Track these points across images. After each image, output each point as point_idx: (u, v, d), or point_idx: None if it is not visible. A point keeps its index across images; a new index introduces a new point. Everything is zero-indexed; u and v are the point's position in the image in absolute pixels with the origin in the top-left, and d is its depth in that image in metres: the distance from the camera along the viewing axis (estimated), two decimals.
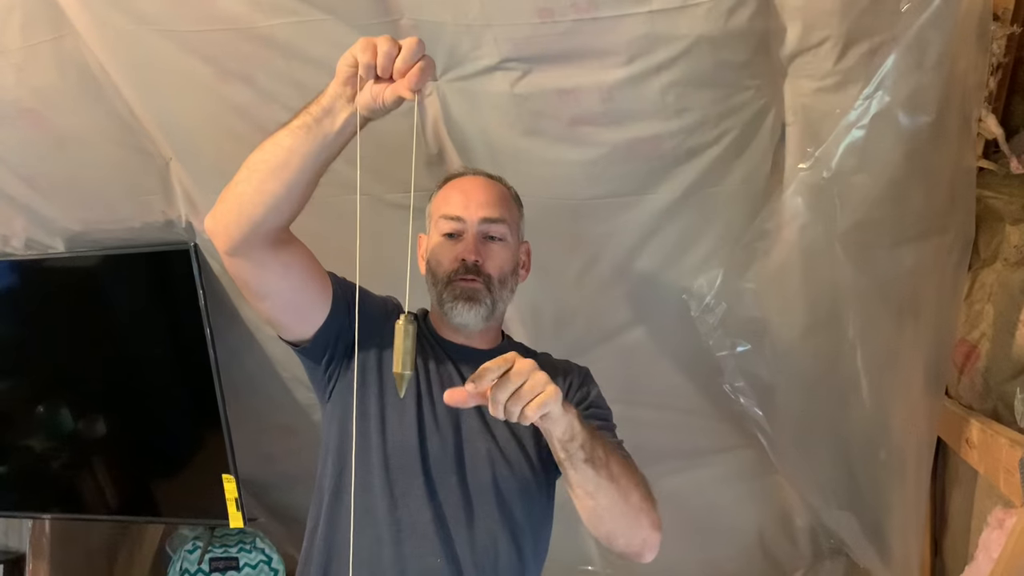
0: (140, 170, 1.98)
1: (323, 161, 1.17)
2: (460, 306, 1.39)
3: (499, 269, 1.42)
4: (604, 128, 1.66)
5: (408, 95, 1.06)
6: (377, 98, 1.09)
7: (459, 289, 1.39)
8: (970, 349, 1.79)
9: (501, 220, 1.43)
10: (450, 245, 1.42)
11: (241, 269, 1.27)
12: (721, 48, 1.51)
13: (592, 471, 1.16)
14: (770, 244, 1.74)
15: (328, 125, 1.13)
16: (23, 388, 2.50)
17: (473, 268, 1.39)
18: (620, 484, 1.20)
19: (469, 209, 1.42)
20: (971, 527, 1.81)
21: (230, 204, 1.21)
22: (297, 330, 1.37)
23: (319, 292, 1.34)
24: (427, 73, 1.05)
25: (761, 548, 2.49)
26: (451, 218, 1.43)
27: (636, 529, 1.24)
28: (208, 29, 1.62)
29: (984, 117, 1.66)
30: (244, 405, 2.39)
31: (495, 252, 1.43)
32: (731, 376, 1.86)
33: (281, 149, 1.16)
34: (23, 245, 2.25)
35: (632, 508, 1.22)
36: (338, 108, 1.12)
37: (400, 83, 1.06)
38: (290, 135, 1.15)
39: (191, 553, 2.58)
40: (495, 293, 1.41)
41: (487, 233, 1.43)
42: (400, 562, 1.30)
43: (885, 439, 1.85)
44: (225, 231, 1.22)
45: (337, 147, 1.16)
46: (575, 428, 1.13)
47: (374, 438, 1.35)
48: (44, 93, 1.81)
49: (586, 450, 1.14)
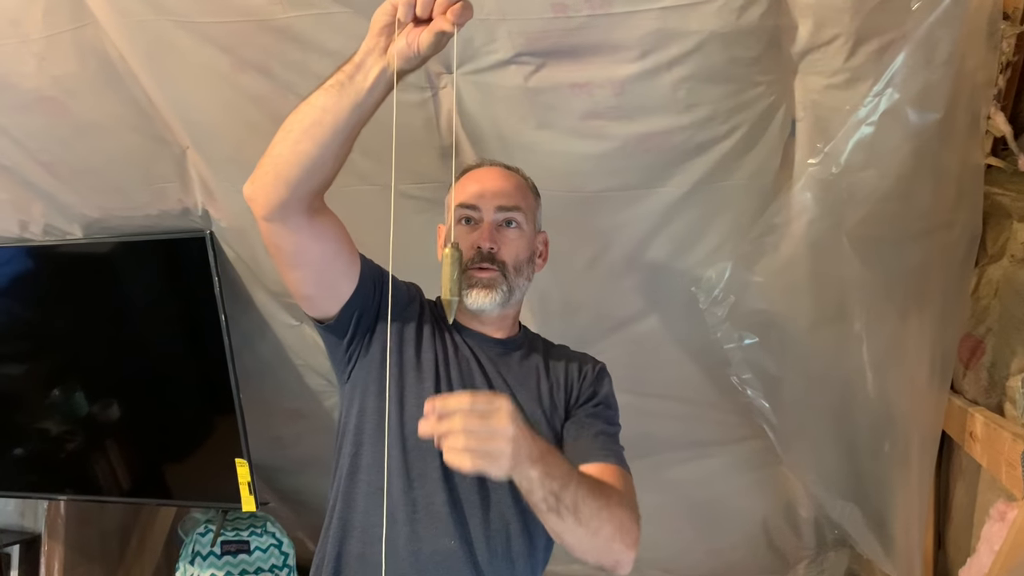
0: (157, 158, 2.00)
1: (356, 120, 1.17)
2: (476, 292, 1.40)
3: (514, 256, 1.44)
4: (616, 122, 1.67)
5: (448, 27, 1.04)
6: (412, 44, 1.08)
7: (475, 277, 1.41)
8: (976, 344, 1.81)
9: (516, 208, 1.45)
10: (467, 232, 1.44)
11: (277, 235, 1.28)
12: (732, 44, 1.52)
13: (556, 518, 1.14)
14: (778, 238, 1.76)
15: (361, 81, 1.13)
16: (39, 371, 2.53)
17: (488, 255, 1.41)
18: (590, 526, 1.17)
19: (485, 198, 1.44)
20: (974, 520, 1.83)
21: (267, 167, 1.22)
22: (324, 305, 1.38)
23: (349, 265, 1.36)
24: (468, 10, 1.04)
25: (766, 538, 2.51)
26: (467, 206, 1.44)
27: (606, 555, 1.23)
28: (226, 20, 1.64)
29: (993, 115, 1.67)
30: (256, 390, 2.43)
31: (511, 239, 1.44)
32: (738, 368, 1.88)
33: (315, 109, 1.17)
34: (41, 231, 2.28)
35: (602, 541, 1.20)
36: (370, 63, 1.13)
37: (440, 18, 1.05)
38: (323, 94, 1.16)
39: (203, 536, 2.61)
40: (511, 280, 1.43)
41: (503, 220, 1.44)
42: (414, 542, 1.32)
43: (890, 432, 1.87)
44: (264, 194, 1.23)
45: (370, 105, 1.16)
46: (532, 482, 1.10)
47: (393, 419, 1.37)
48: (64, 81, 1.83)
49: (548, 503, 1.13)
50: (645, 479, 1.45)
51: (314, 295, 1.38)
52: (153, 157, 2.00)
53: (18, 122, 1.94)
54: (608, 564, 1.25)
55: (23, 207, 2.21)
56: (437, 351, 1.43)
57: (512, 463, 1.05)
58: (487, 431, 1.03)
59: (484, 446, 1.03)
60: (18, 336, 2.52)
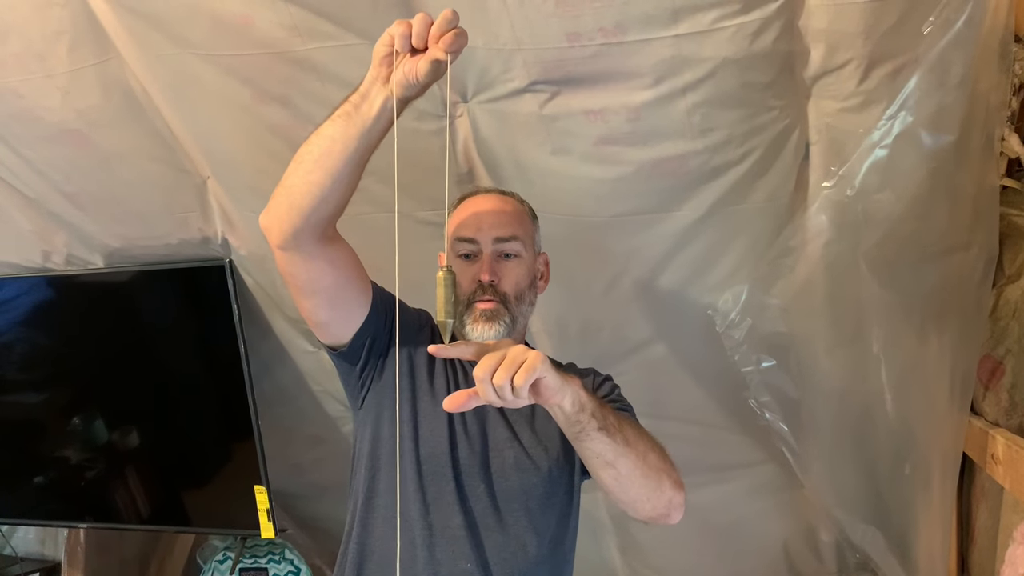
0: (179, 188, 2.03)
1: (365, 148, 1.20)
2: (480, 326, 1.42)
3: (515, 286, 1.46)
4: (631, 147, 1.68)
5: (442, 55, 1.08)
6: (410, 73, 1.12)
7: (478, 311, 1.42)
8: (995, 365, 1.80)
9: (513, 238, 1.47)
10: (466, 266, 1.46)
11: (292, 263, 1.31)
12: (746, 70, 1.54)
13: (607, 438, 1.15)
14: (795, 260, 1.77)
15: (367, 110, 1.17)
16: (60, 400, 2.55)
17: (489, 288, 1.43)
18: (637, 448, 1.20)
19: (482, 231, 1.46)
20: (997, 542, 1.81)
21: (280, 198, 1.26)
22: (337, 331, 1.41)
23: (361, 292, 1.39)
24: (461, 38, 1.07)
25: (787, 562, 2.49)
26: (465, 240, 1.47)
27: (659, 491, 1.24)
28: (246, 53, 1.67)
29: (1007, 136, 1.67)
30: (274, 417, 2.44)
31: (510, 269, 1.46)
32: (756, 391, 1.88)
33: (324, 139, 1.21)
34: (64, 260, 2.31)
35: (652, 470, 1.22)
36: (374, 92, 1.16)
37: (434, 48, 1.09)
38: (331, 124, 1.20)
39: (222, 563, 2.62)
40: (513, 310, 1.45)
41: (501, 252, 1.46)
42: (433, 565, 1.33)
43: (910, 454, 1.86)
44: (278, 224, 1.27)
45: (377, 133, 1.19)
46: (582, 398, 1.12)
47: (407, 444, 1.39)
48: (88, 114, 1.86)
49: (597, 418, 1.14)
50: None
51: (328, 322, 1.40)
52: (174, 187, 2.03)
53: (42, 154, 1.98)
54: (661, 505, 1.26)
55: (46, 237, 2.24)
56: (448, 376, 1.45)
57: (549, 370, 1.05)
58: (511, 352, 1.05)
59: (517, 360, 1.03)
60: (39, 364, 2.54)
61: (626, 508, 1.27)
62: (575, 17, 1.48)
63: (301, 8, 1.57)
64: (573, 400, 1.11)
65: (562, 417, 1.13)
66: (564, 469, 1.42)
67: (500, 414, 1.43)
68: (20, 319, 2.47)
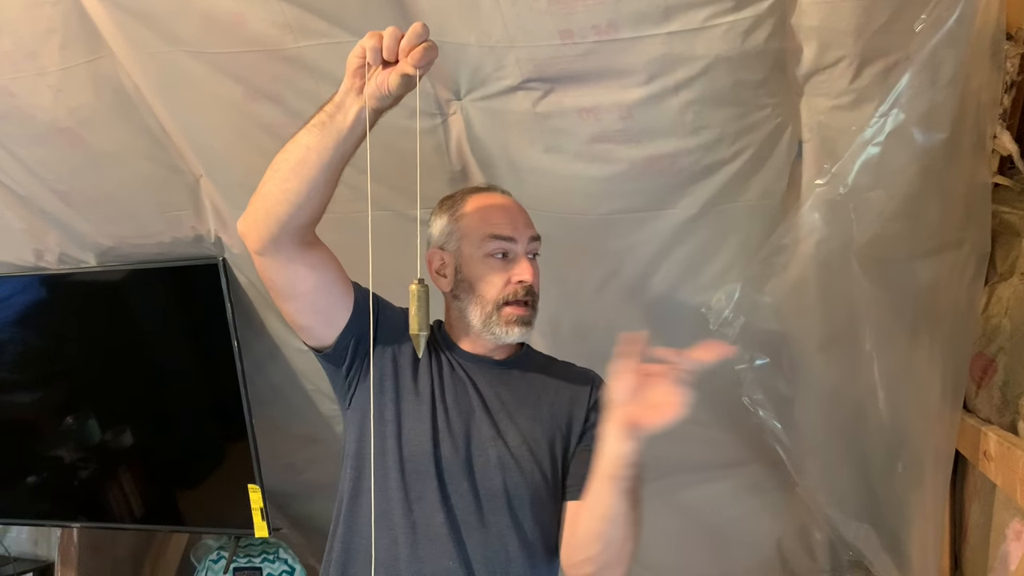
0: (171, 187, 2.03)
1: (339, 157, 1.21)
2: (514, 329, 1.41)
3: (538, 285, 1.46)
4: (623, 145, 1.68)
5: (410, 71, 1.10)
6: (382, 85, 1.13)
7: (515, 315, 1.41)
8: (987, 363, 1.80)
9: (539, 237, 1.47)
10: (501, 265, 1.42)
11: (270, 269, 1.32)
12: (738, 68, 1.54)
13: (627, 504, 1.20)
14: (787, 259, 1.76)
15: (341, 120, 1.18)
16: (53, 399, 2.55)
17: (529, 290, 1.42)
18: (635, 527, 1.25)
19: (519, 230, 1.44)
20: (990, 540, 1.82)
21: (257, 205, 1.28)
22: (320, 333, 1.41)
23: (342, 295, 1.39)
24: (430, 52, 1.09)
25: (780, 561, 2.49)
26: (504, 238, 1.42)
27: (617, 566, 1.28)
28: (238, 50, 1.67)
29: (999, 134, 1.68)
30: (268, 416, 2.43)
31: (536, 269, 1.46)
32: (749, 389, 1.88)
33: (299, 147, 1.22)
34: (56, 260, 2.30)
35: (627, 547, 1.26)
36: (348, 103, 1.18)
37: (403, 62, 1.10)
38: (307, 133, 1.22)
39: (215, 563, 2.61)
40: (536, 310, 1.45)
41: (532, 251, 1.46)
42: (416, 564, 1.34)
43: (903, 451, 1.86)
44: (255, 230, 1.28)
45: (352, 142, 1.20)
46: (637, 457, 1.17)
47: (391, 443, 1.39)
48: (80, 113, 1.86)
49: (631, 480, 1.18)
50: (657, 502, 1.46)
51: (310, 325, 1.41)
52: (167, 186, 2.03)
53: (34, 153, 1.97)
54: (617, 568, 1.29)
55: (39, 236, 2.24)
56: (433, 375, 1.45)
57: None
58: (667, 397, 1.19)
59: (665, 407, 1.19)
60: (32, 364, 2.54)
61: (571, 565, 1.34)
62: (568, 15, 1.48)
63: (293, 5, 1.57)
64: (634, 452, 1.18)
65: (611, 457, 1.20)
66: (549, 471, 1.42)
67: (485, 412, 1.43)
68: (12, 318, 2.47)
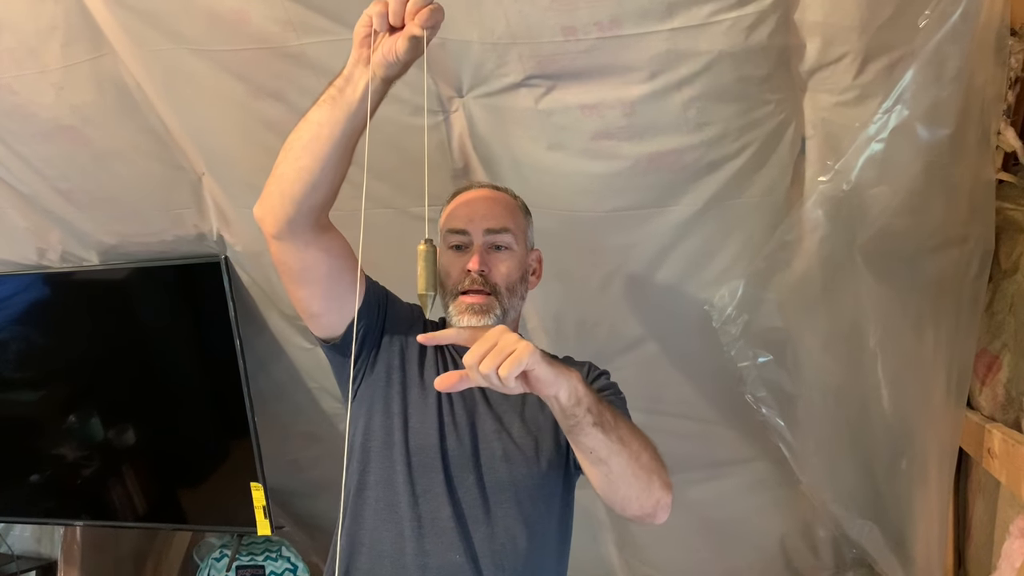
0: (174, 185, 2.03)
1: (352, 130, 1.21)
2: (467, 318, 1.41)
3: (506, 277, 1.46)
4: (626, 142, 1.68)
5: (418, 31, 1.09)
6: (388, 53, 1.13)
7: (465, 304, 1.42)
8: (992, 360, 1.80)
9: (505, 230, 1.47)
10: (457, 257, 1.46)
11: (286, 253, 1.33)
12: (742, 64, 1.54)
13: (602, 434, 1.14)
14: (791, 255, 1.76)
15: (351, 93, 1.18)
16: (56, 397, 2.54)
17: (479, 278, 1.43)
18: (631, 447, 1.19)
19: (474, 222, 1.46)
20: (994, 537, 1.82)
21: (272, 187, 1.28)
22: (330, 322, 1.41)
23: (354, 283, 1.39)
24: (437, 13, 1.09)
25: (783, 558, 2.49)
26: (456, 231, 1.47)
27: (648, 492, 1.23)
28: (241, 48, 1.67)
29: (1003, 130, 1.67)
30: (270, 414, 2.43)
31: (501, 261, 1.46)
32: (753, 386, 1.88)
33: (311, 124, 1.22)
34: (59, 258, 2.30)
35: (644, 470, 1.21)
36: (357, 75, 1.17)
37: (410, 24, 1.10)
38: (317, 110, 1.22)
39: (218, 561, 2.61)
40: (504, 302, 1.45)
41: (492, 244, 1.46)
42: (422, 557, 1.34)
43: (907, 449, 1.86)
44: (271, 213, 1.29)
45: (362, 116, 1.20)
46: (579, 391, 1.11)
47: (397, 436, 1.39)
48: (82, 110, 1.85)
49: (593, 413, 1.13)
50: None
51: (321, 313, 1.41)
52: (170, 184, 2.02)
53: (37, 151, 1.97)
54: (649, 506, 1.25)
55: (41, 234, 2.23)
56: (439, 369, 1.46)
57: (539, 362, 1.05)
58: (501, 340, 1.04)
59: (505, 350, 1.03)
60: (35, 362, 2.53)
61: (613, 506, 1.27)
62: (570, 11, 1.48)
63: (295, 3, 1.56)
64: (569, 393, 1.10)
65: (558, 409, 1.13)
66: (555, 462, 1.42)
67: (488, 406, 1.44)
68: (15, 317, 2.47)
